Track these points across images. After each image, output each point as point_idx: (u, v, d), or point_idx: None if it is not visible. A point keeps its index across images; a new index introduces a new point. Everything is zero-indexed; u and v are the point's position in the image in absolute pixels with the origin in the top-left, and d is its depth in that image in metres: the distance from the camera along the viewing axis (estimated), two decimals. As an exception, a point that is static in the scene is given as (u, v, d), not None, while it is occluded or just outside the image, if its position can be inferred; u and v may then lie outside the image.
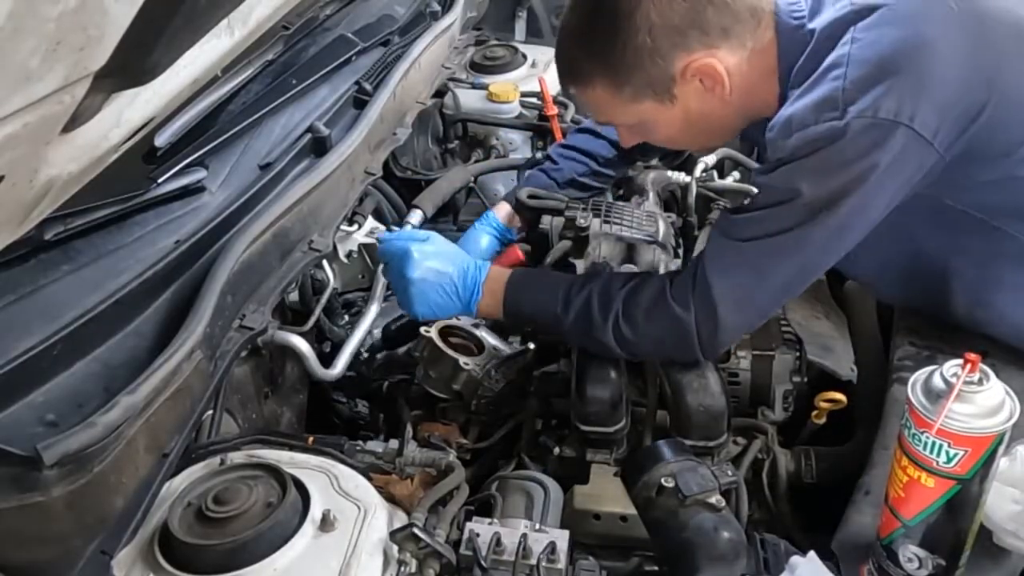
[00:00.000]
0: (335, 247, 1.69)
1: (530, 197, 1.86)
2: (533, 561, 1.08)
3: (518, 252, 1.77)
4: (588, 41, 1.35)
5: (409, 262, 1.42)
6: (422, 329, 1.63)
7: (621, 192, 1.92)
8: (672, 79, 1.32)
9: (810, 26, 1.30)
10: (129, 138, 1.08)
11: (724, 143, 1.53)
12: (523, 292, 1.42)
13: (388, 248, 1.49)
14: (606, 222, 1.63)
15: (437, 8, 2.32)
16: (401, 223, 1.89)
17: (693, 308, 1.30)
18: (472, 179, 2.10)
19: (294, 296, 1.60)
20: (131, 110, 1.02)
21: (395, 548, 1.06)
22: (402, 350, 1.68)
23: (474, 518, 1.16)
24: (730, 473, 1.22)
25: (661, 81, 1.32)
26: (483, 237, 1.82)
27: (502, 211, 1.85)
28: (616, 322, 1.33)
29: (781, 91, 1.34)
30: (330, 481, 1.14)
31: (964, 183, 1.30)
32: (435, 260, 1.44)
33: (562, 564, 1.09)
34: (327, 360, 1.52)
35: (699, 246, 1.70)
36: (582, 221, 1.65)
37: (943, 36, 1.21)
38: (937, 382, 0.99)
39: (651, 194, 1.86)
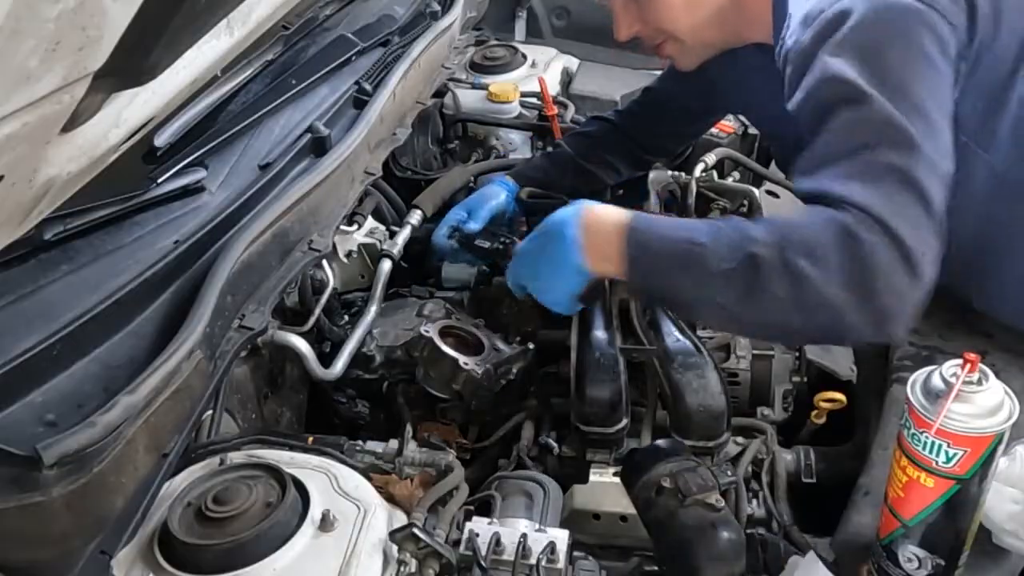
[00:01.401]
0: (335, 247, 1.69)
1: (530, 197, 1.87)
2: (533, 561, 1.08)
3: None
4: None
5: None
6: (422, 329, 1.63)
7: (621, 193, 1.92)
8: None
9: None
10: (129, 138, 1.08)
11: (720, 47, 1.47)
12: (649, 224, 1.20)
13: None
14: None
15: (437, 8, 2.32)
16: (401, 223, 1.89)
17: (870, 234, 1.07)
18: (472, 179, 2.10)
19: (294, 296, 1.60)
20: (130, 110, 1.02)
21: (395, 548, 1.07)
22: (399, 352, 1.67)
23: (474, 518, 1.16)
24: (729, 473, 1.23)
25: None
26: (500, 194, 1.84)
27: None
28: (782, 243, 1.09)
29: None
30: (330, 481, 1.14)
31: (982, 115, 1.26)
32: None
33: (562, 564, 1.09)
34: (327, 360, 1.53)
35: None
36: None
37: None
38: (936, 382, 0.99)
39: (652, 194, 1.86)
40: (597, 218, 1.23)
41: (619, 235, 1.19)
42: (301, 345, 1.45)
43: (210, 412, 1.29)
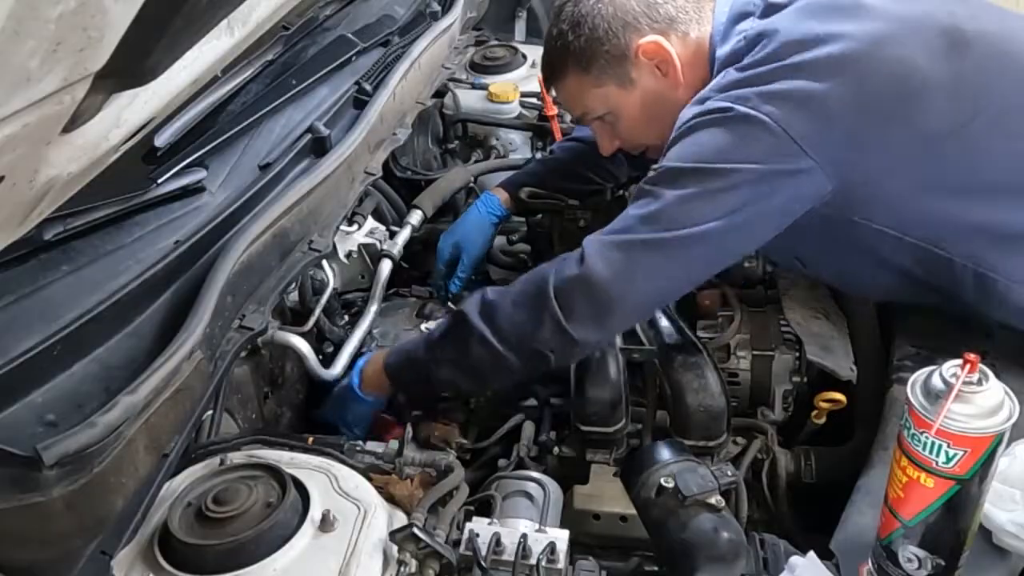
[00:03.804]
0: (335, 247, 1.69)
1: (530, 197, 1.87)
2: (533, 561, 1.08)
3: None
4: (560, 36, 1.53)
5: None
6: (422, 326, 1.63)
7: (620, 193, 1.92)
8: (628, 60, 1.48)
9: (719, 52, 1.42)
10: (129, 138, 1.08)
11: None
12: (397, 348, 1.50)
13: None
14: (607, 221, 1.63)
15: (437, 8, 2.32)
16: (401, 223, 1.89)
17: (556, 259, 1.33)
18: (472, 179, 2.10)
19: (294, 296, 1.60)
20: (131, 110, 1.02)
21: (395, 548, 1.07)
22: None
23: (474, 518, 1.16)
24: (730, 473, 1.22)
25: (619, 62, 1.48)
26: (485, 221, 1.88)
27: (500, 196, 1.90)
28: (483, 298, 1.35)
29: None
30: (330, 481, 1.14)
31: (873, 201, 1.32)
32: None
33: (562, 564, 1.09)
34: (327, 360, 1.53)
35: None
36: (582, 221, 1.64)
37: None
38: (936, 382, 0.99)
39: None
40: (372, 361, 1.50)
41: (379, 362, 1.47)
42: (301, 345, 1.45)
43: (210, 412, 1.29)
